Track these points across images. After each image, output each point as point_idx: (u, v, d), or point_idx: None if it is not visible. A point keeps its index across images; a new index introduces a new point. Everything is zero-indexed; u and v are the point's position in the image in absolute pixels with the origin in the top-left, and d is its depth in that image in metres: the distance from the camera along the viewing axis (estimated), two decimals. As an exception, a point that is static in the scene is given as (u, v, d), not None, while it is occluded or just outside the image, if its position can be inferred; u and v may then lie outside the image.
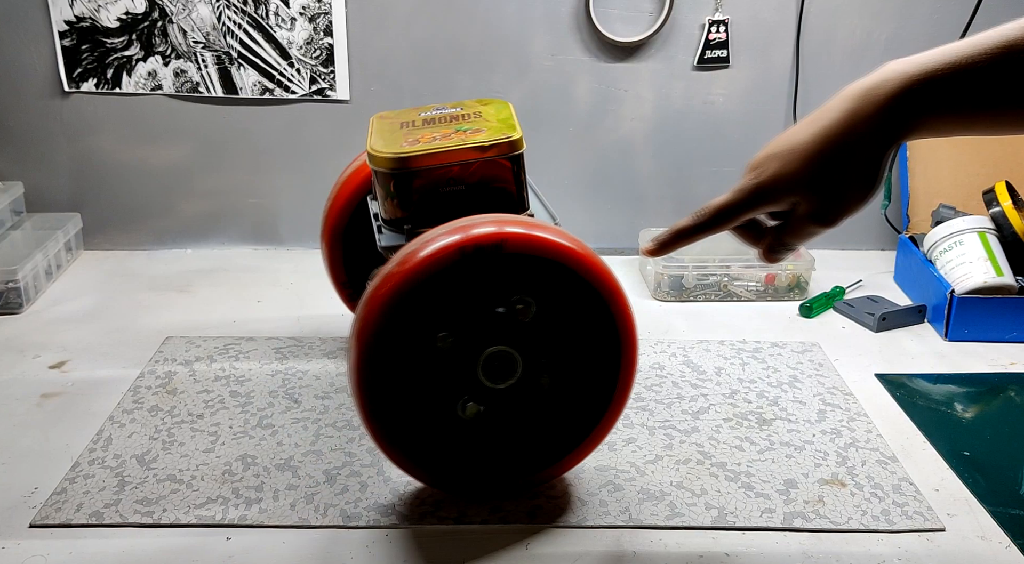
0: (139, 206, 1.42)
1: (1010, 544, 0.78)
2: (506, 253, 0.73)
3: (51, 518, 0.79)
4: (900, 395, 1.02)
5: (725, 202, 0.69)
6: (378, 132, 0.89)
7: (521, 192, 0.86)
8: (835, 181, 0.63)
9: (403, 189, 0.83)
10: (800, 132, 0.64)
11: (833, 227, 0.66)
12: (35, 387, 1.02)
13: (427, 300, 0.74)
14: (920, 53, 0.60)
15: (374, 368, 0.75)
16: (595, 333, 0.78)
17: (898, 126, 0.60)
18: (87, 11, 1.30)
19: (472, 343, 0.76)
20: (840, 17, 1.34)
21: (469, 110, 0.92)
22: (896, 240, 1.37)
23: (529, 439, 0.81)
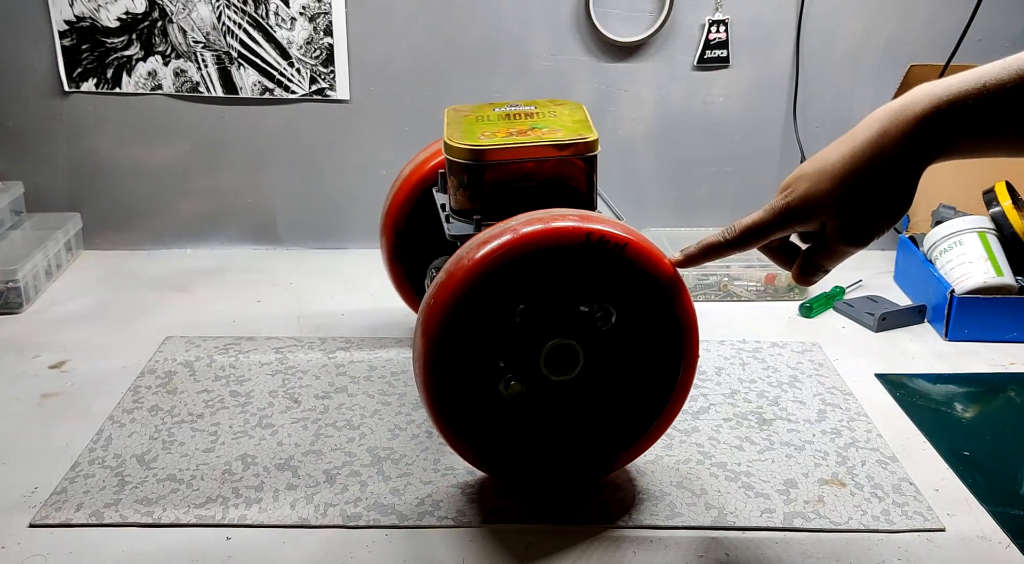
0: (139, 206, 1.41)
1: (1010, 544, 0.78)
2: (621, 255, 0.75)
3: (51, 518, 0.79)
4: (900, 395, 1.02)
5: (755, 222, 0.69)
6: (454, 123, 0.90)
7: (591, 193, 0.87)
8: (865, 201, 0.63)
9: (476, 180, 0.84)
10: (830, 153, 0.65)
11: (864, 247, 0.67)
12: (35, 387, 1.02)
13: (518, 276, 0.75)
14: (951, 76, 0.60)
15: (447, 354, 0.76)
16: (663, 350, 0.79)
17: (928, 147, 0.61)
18: (87, 11, 1.30)
19: (542, 331, 0.78)
20: (840, 17, 1.34)
21: (544, 109, 0.93)
22: (896, 240, 1.37)
23: (582, 435, 0.82)
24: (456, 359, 0.76)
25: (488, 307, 0.76)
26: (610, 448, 0.83)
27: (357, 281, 1.33)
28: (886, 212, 0.64)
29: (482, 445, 0.81)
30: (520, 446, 0.82)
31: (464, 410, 0.79)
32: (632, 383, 0.81)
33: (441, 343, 0.75)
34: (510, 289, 0.76)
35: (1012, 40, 1.33)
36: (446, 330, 0.75)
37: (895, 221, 0.65)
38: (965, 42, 1.29)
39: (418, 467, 0.87)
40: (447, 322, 0.74)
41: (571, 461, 0.83)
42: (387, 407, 0.98)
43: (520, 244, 0.73)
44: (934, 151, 0.61)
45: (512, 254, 0.74)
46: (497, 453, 0.81)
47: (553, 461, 0.83)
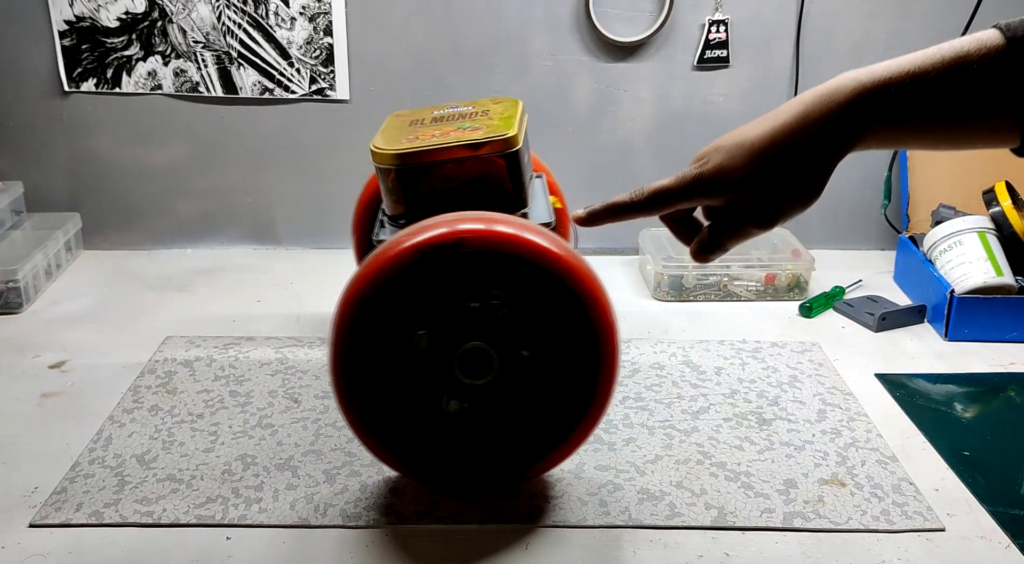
0: (139, 206, 1.42)
1: (1010, 544, 0.78)
2: (468, 251, 0.73)
3: (51, 518, 0.79)
4: (900, 395, 1.02)
5: (664, 187, 0.66)
6: (385, 129, 0.90)
7: (519, 190, 0.86)
8: (777, 182, 0.62)
9: (400, 185, 0.84)
10: (751, 129, 0.64)
11: (768, 230, 0.65)
12: (35, 387, 1.02)
13: (397, 298, 0.75)
14: (879, 63, 0.59)
15: (352, 365, 0.76)
16: (571, 329, 0.77)
17: (848, 133, 0.60)
18: (87, 11, 1.30)
19: (448, 340, 0.77)
20: (840, 17, 1.34)
21: (479, 108, 0.93)
22: (896, 240, 1.37)
23: (512, 435, 0.81)
24: (367, 377, 0.76)
25: (383, 331, 0.76)
26: (537, 446, 0.81)
27: (357, 281, 1.33)
28: (796, 196, 0.62)
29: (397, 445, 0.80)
30: (435, 447, 0.81)
31: (377, 409, 0.78)
32: (551, 377, 0.79)
33: (346, 360, 0.75)
34: (397, 311, 0.76)
35: (1012, 40, 1.33)
36: (348, 351, 0.75)
37: (804, 207, 0.63)
38: (965, 42, 1.29)
39: (418, 467, 0.87)
40: (346, 345, 0.75)
41: (496, 463, 0.82)
42: (387, 407, 0.98)
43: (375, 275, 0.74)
44: (854, 137, 0.60)
45: (375, 284, 0.74)
46: (411, 452, 0.81)
47: (478, 463, 0.82)
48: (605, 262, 1.40)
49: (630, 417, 0.96)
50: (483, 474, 0.82)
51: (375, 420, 0.78)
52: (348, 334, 0.75)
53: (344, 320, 0.75)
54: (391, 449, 0.80)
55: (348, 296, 0.75)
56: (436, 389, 0.78)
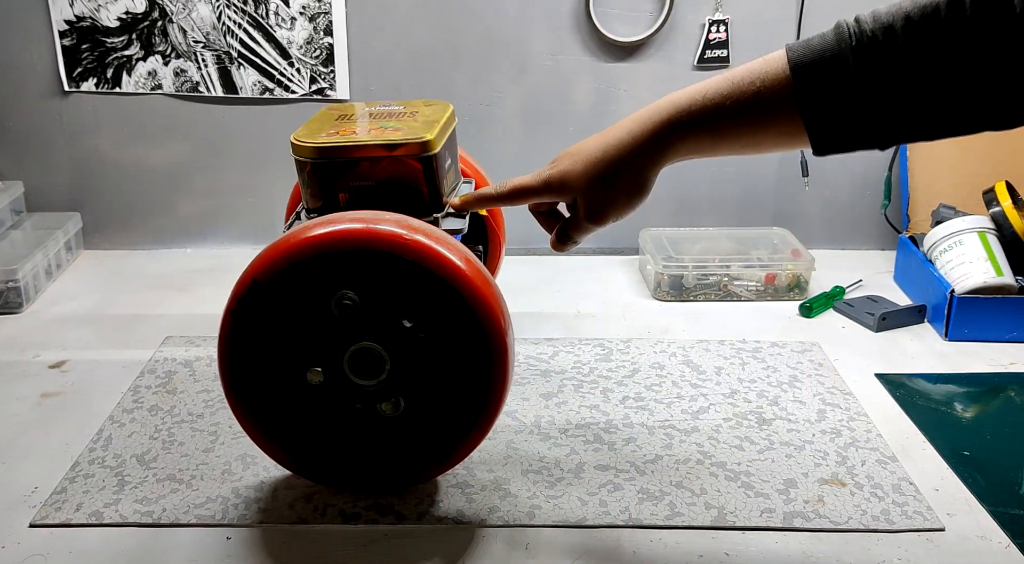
0: (139, 205, 1.42)
1: (1010, 544, 0.78)
2: (425, 269, 0.73)
3: (51, 518, 0.79)
4: (900, 395, 1.02)
5: (522, 184, 0.78)
6: (311, 121, 0.90)
7: (433, 194, 0.85)
8: (606, 188, 0.73)
9: (315, 180, 0.84)
10: (591, 141, 0.74)
11: (601, 226, 0.76)
12: (35, 386, 1.02)
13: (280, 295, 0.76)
14: (695, 84, 0.69)
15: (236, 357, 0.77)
16: (457, 328, 0.76)
17: (660, 148, 0.70)
18: (87, 11, 1.30)
19: (335, 342, 0.77)
20: (840, 17, 1.34)
21: (409, 109, 0.92)
22: (896, 240, 1.37)
23: (404, 437, 0.80)
24: (256, 348, 0.77)
25: (289, 301, 0.76)
26: (421, 454, 0.81)
27: (357, 281, 1.33)
28: (622, 200, 0.74)
29: (280, 437, 0.80)
30: (319, 442, 0.81)
31: (265, 400, 0.78)
32: (442, 378, 0.78)
33: (233, 339, 0.77)
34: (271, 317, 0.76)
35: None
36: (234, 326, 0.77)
37: (629, 209, 0.75)
38: (965, 42, 1.28)
39: (418, 467, 0.87)
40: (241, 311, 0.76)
41: (372, 466, 0.82)
42: (387, 407, 0.98)
43: (332, 242, 0.74)
44: (665, 152, 0.70)
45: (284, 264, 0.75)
46: (294, 446, 0.81)
47: (356, 464, 0.81)
48: (605, 262, 1.40)
49: (630, 417, 0.96)
50: (376, 474, 0.82)
51: (263, 416, 0.78)
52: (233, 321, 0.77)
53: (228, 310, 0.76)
54: (281, 447, 0.80)
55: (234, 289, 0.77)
56: (329, 388, 0.78)
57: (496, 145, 1.39)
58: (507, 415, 0.96)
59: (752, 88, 0.65)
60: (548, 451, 0.90)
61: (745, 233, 1.37)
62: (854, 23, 0.63)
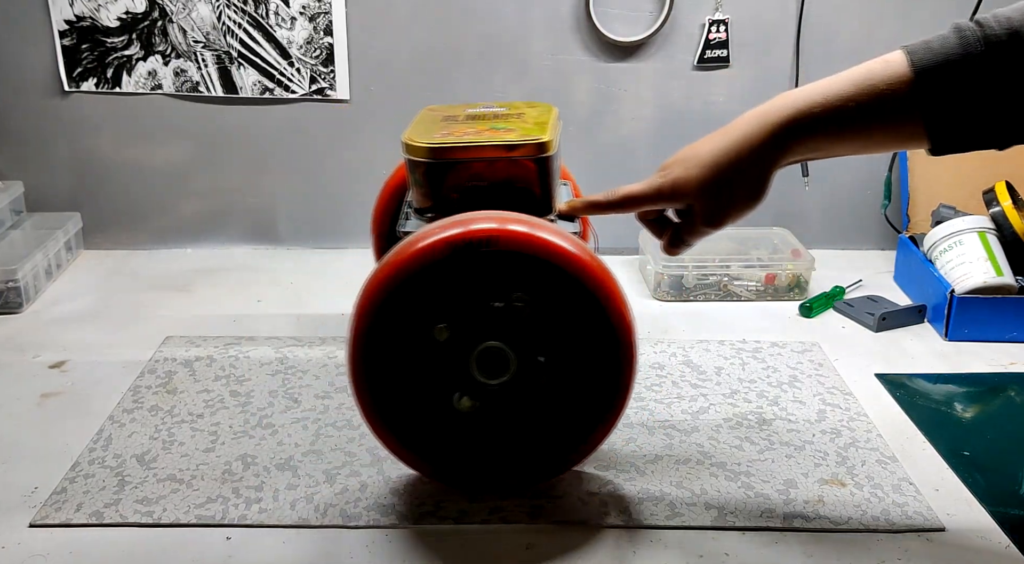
0: (139, 205, 1.42)
1: (1010, 544, 0.78)
2: (498, 250, 0.74)
3: (51, 518, 0.79)
4: (900, 395, 1.02)
5: (632, 192, 0.78)
6: (418, 122, 0.90)
7: (547, 195, 0.86)
8: (723, 192, 0.73)
9: (429, 179, 0.84)
10: (703, 145, 0.74)
11: (718, 230, 0.76)
12: (35, 387, 1.02)
13: (420, 292, 0.76)
14: (811, 84, 0.69)
15: (370, 357, 0.76)
16: (592, 333, 0.78)
17: (779, 149, 0.70)
18: (87, 10, 1.30)
19: (467, 338, 0.77)
20: (840, 17, 1.34)
21: (514, 110, 0.93)
22: (896, 240, 1.37)
23: (528, 437, 0.81)
24: (384, 371, 0.77)
25: (403, 324, 0.76)
26: (561, 445, 0.82)
27: (357, 281, 1.31)
28: (740, 202, 0.73)
29: (425, 451, 0.81)
30: (449, 445, 0.82)
31: (393, 404, 0.79)
32: (571, 376, 0.80)
33: (365, 351, 0.76)
34: (419, 305, 0.76)
35: (1012, 40, 1.33)
36: (367, 342, 0.76)
37: (750, 210, 0.74)
38: (965, 42, 1.29)
39: (418, 467, 0.87)
40: (366, 335, 0.76)
41: (499, 466, 0.82)
42: (387, 407, 0.98)
43: (401, 267, 0.75)
44: (785, 153, 0.70)
45: (400, 277, 0.75)
46: (440, 457, 0.81)
47: (482, 464, 0.82)
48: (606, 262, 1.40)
49: (630, 417, 0.96)
50: (495, 475, 0.82)
51: (390, 414, 0.79)
52: (370, 322, 0.76)
53: (367, 309, 0.75)
54: (404, 444, 0.80)
55: (373, 285, 0.76)
56: (451, 386, 0.79)
57: (496, 145, 1.39)
58: (507, 415, 0.96)
59: (874, 90, 0.66)
60: (548, 451, 0.90)
61: (745, 233, 1.37)
62: (976, 27, 0.66)
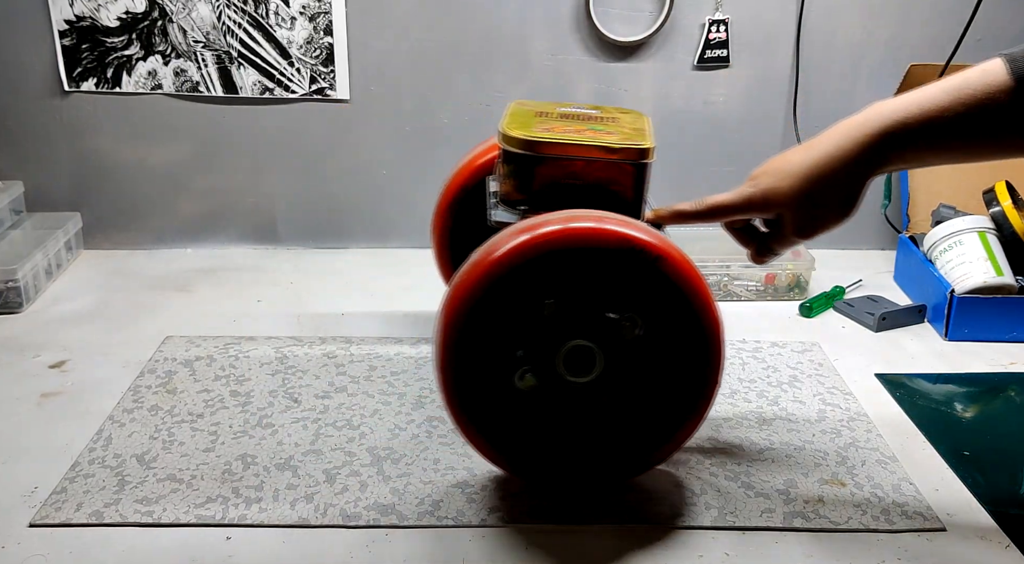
0: (139, 205, 1.42)
1: (1010, 544, 0.78)
2: (656, 266, 0.75)
3: (51, 517, 0.79)
4: (900, 395, 1.02)
5: (721, 202, 0.79)
6: (513, 115, 0.91)
7: (637, 201, 0.86)
8: (816, 203, 0.73)
9: (525, 171, 0.84)
10: (794, 155, 0.74)
11: (810, 239, 0.76)
12: (35, 386, 1.02)
13: (549, 271, 0.76)
14: (904, 95, 0.69)
15: (464, 345, 0.76)
16: (687, 356, 0.78)
17: (875, 161, 0.70)
18: (87, 10, 1.30)
19: (564, 330, 0.78)
20: (840, 17, 1.34)
21: (607, 114, 0.93)
22: (896, 240, 1.37)
23: (614, 435, 0.82)
24: (475, 347, 0.77)
25: (513, 298, 0.76)
26: (623, 455, 0.82)
27: (357, 281, 1.33)
28: (833, 214, 0.73)
29: (496, 439, 0.81)
30: (535, 443, 0.82)
31: (480, 402, 0.79)
32: (651, 394, 0.81)
33: (461, 329, 0.76)
34: (539, 283, 0.76)
35: (1012, 40, 1.33)
36: (468, 316, 0.75)
37: (840, 222, 0.74)
38: (965, 42, 1.29)
39: (418, 467, 0.87)
40: (470, 307, 0.75)
41: (586, 463, 0.83)
42: (387, 407, 0.98)
43: (559, 239, 0.74)
44: (880, 164, 0.70)
45: (548, 247, 0.74)
46: (511, 448, 0.81)
47: (568, 462, 0.83)
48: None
49: (630, 417, 0.96)
50: (584, 474, 0.83)
51: (476, 409, 0.79)
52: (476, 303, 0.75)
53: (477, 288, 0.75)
54: (491, 442, 0.81)
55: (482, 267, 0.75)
56: (541, 388, 0.79)
57: (496, 145, 1.39)
58: (507, 415, 0.96)
59: (972, 99, 0.65)
60: (548, 451, 0.90)
61: (745, 233, 1.37)
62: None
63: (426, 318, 1.20)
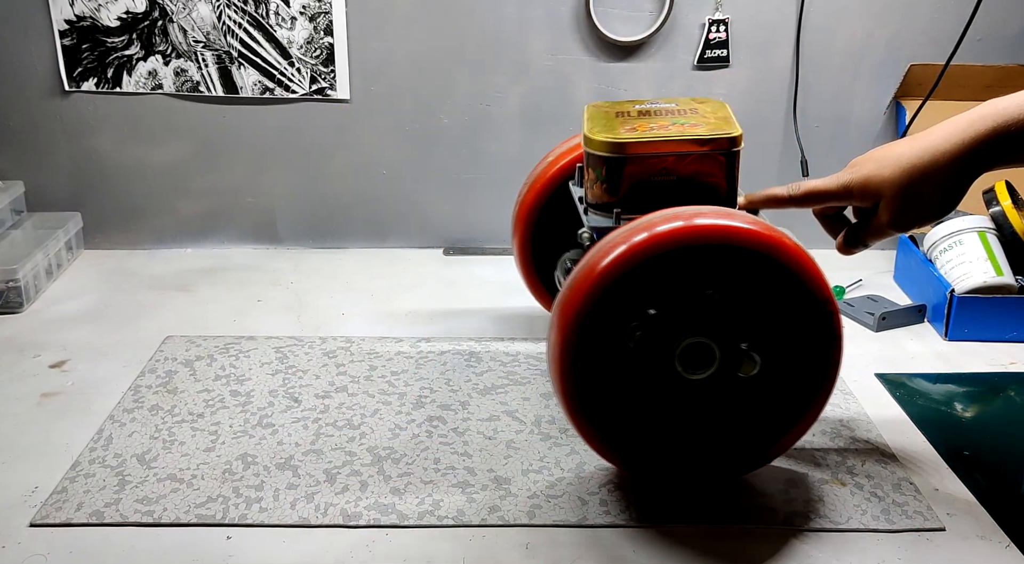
0: (139, 205, 1.42)
1: (1010, 544, 0.78)
2: (779, 262, 0.74)
3: (51, 517, 0.79)
4: (900, 395, 1.02)
5: (817, 188, 0.78)
6: (593, 118, 0.90)
7: (731, 190, 0.86)
8: (918, 195, 0.71)
9: (615, 174, 0.84)
10: (901, 145, 0.73)
11: (905, 233, 0.75)
12: (35, 386, 1.02)
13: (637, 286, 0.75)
14: (1019, 92, 0.67)
15: (581, 351, 0.76)
16: (805, 343, 0.78)
17: (985, 160, 0.68)
18: (87, 10, 1.30)
19: (672, 332, 0.77)
20: (840, 17, 1.34)
21: (685, 106, 0.93)
22: (896, 240, 1.37)
23: (726, 432, 0.82)
24: (592, 351, 0.76)
25: (629, 299, 0.76)
26: (736, 452, 0.82)
27: (357, 281, 1.33)
28: (934, 208, 0.72)
29: (615, 439, 0.81)
30: (652, 441, 0.82)
31: (598, 403, 0.78)
32: (766, 393, 0.80)
33: (579, 335, 0.75)
34: (656, 283, 0.76)
35: (1012, 40, 1.34)
36: (586, 321, 0.75)
37: (939, 218, 0.73)
38: (965, 42, 1.29)
39: (418, 467, 0.87)
40: (588, 312, 0.74)
41: (698, 460, 0.83)
42: (387, 407, 0.98)
43: (697, 235, 0.73)
44: (990, 163, 0.69)
45: (687, 242, 0.73)
46: (630, 447, 0.81)
47: (682, 459, 0.83)
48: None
49: (630, 417, 0.96)
50: (700, 470, 0.83)
51: (595, 408, 0.79)
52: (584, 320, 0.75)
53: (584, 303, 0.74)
54: (607, 439, 0.81)
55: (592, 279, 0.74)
56: (651, 382, 0.79)
57: (496, 145, 1.39)
58: (507, 415, 0.96)
59: None
60: (548, 451, 0.90)
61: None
62: None
63: (426, 318, 1.20)
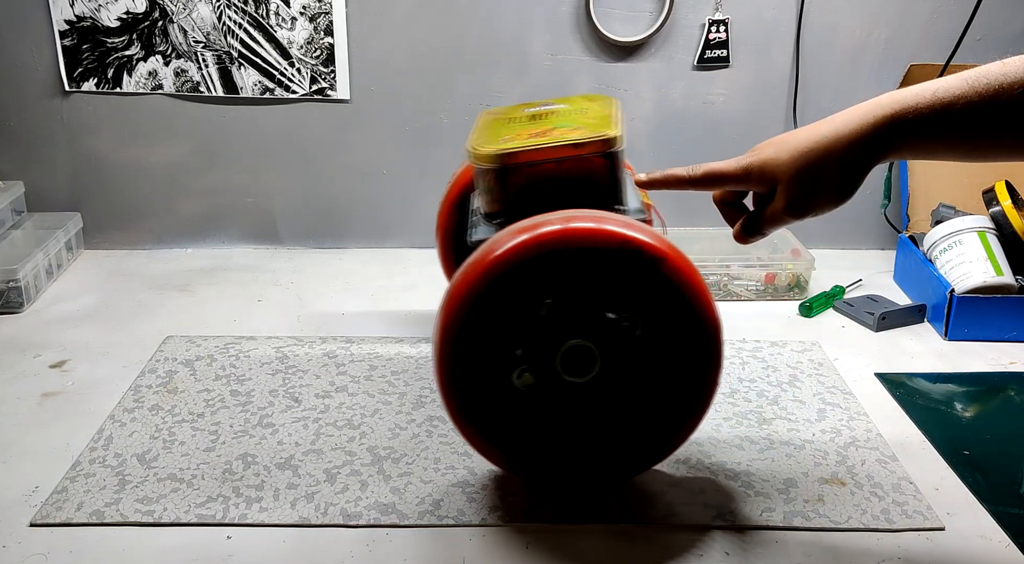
0: (139, 205, 1.42)
1: (1010, 544, 0.78)
2: (656, 268, 0.74)
3: (52, 517, 0.79)
4: (900, 394, 1.02)
5: (717, 169, 0.77)
6: (480, 128, 0.91)
7: (615, 189, 0.86)
8: (813, 180, 0.71)
9: (499, 184, 0.84)
10: (801, 131, 0.72)
11: (800, 220, 0.74)
12: (35, 386, 1.02)
13: (545, 273, 0.76)
14: (919, 84, 0.67)
15: (458, 359, 0.76)
16: (686, 356, 0.78)
17: (881, 146, 0.68)
18: (88, 11, 1.30)
19: (562, 330, 0.78)
20: (840, 17, 1.34)
21: (575, 106, 0.93)
22: (896, 239, 1.37)
23: (613, 434, 0.82)
24: (473, 346, 0.77)
25: (510, 300, 0.76)
26: (620, 455, 0.82)
27: (357, 281, 1.33)
28: (829, 196, 0.71)
29: (495, 437, 0.81)
30: (534, 441, 0.82)
31: (478, 400, 0.79)
32: (649, 394, 0.80)
33: (460, 328, 0.75)
34: (537, 282, 0.76)
35: (1012, 39, 1.34)
36: (466, 315, 0.75)
37: (835, 206, 0.72)
38: (965, 42, 1.29)
39: (418, 466, 0.87)
40: (464, 312, 0.75)
41: (585, 462, 0.83)
42: (387, 406, 0.98)
43: (555, 239, 0.74)
44: (885, 150, 0.68)
45: (544, 248, 0.74)
46: (510, 447, 0.81)
47: (567, 460, 0.83)
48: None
49: (630, 417, 0.96)
50: (583, 473, 0.83)
51: (475, 411, 0.79)
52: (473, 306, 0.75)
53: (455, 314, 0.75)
54: (490, 440, 0.81)
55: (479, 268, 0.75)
56: (539, 387, 0.79)
57: (496, 145, 1.39)
58: (507, 415, 0.96)
59: (988, 90, 0.64)
60: (548, 451, 0.90)
61: (745, 233, 1.37)
62: None
63: (426, 318, 1.20)
